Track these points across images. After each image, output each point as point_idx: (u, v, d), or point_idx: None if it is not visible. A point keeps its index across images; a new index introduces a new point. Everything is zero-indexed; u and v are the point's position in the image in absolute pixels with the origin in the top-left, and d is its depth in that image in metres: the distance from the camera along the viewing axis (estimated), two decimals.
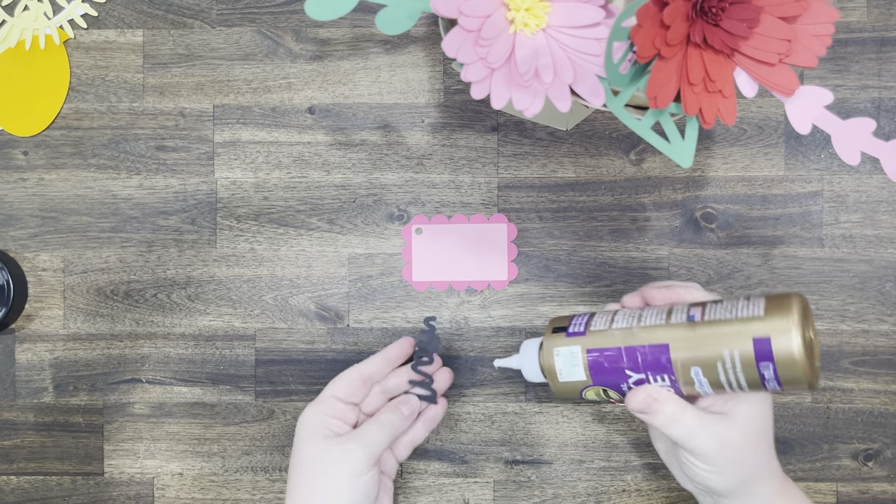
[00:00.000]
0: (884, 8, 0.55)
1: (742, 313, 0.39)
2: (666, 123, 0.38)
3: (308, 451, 0.47)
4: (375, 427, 0.47)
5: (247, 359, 0.56)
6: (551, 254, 0.56)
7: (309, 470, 0.46)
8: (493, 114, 0.55)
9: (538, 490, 0.56)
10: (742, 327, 0.39)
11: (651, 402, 0.42)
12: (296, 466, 0.47)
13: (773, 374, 0.38)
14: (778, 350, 0.38)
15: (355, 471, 0.45)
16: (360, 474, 0.45)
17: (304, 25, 0.56)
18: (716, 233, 0.55)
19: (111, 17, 0.56)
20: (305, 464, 0.47)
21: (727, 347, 0.39)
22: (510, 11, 0.36)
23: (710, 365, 0.40)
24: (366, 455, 0.46)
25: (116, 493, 0.57)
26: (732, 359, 0.39)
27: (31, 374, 0.57)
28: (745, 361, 0.39)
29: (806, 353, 0.38)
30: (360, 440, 0.46)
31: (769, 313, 0.39)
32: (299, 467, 0.47)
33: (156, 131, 0.56)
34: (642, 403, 0.42)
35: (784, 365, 0.38)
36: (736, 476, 0.42)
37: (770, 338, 0.38)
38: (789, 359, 0.38)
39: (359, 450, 0.46)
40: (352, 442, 0.46)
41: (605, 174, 0.55)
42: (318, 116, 0.56)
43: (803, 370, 0.38)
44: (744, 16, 0.36)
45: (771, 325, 0.38)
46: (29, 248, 0.57)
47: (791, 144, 0.55)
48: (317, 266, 0.56)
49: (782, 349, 0.38)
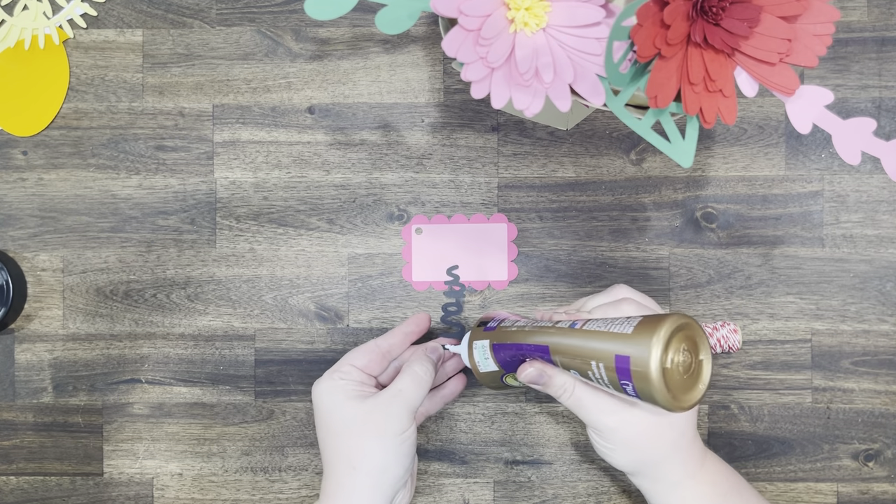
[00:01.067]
0: (884, 7, 0.55)
1: (615, 328, 0.40)
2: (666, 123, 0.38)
3: (343, 414, 0.46)
4: (411, 384, 0.46)
5: (246, 359, 0.56)
6: (551, 254, 0.56)
7: (350, 433, 0.45)
8: (493, 113, 0.55)
9: (538, 490, 0.55)
10: (610, 342, 0.40)
11: (541, 373, 0.44)
12: (332, 433, 0.46)
13: (634, 390, 0.39)
14: (635, 369, 0.38)
15: (401, 427, 0.45)
16: (404, 430, 0.45)
17: (304, 25, 0.56)
18: (716, 233, 0.55)
19: (110, 17, 0.56)
20: (344, 428, 0.46)
21: (594, 359, 0.40)
22: (510, 11, 0.36)
23: (583, 371, 0.41)
24: (408, 412, 0.46)
25: (116, 493, 0.56)
26: (599, 370, 0.40)
27: (30, 375, 0.57)
28: (609, 374, 0.40)
29: (665, 376, 0.37)
30: (399, 399, 0.46)
31: (636, 332, 0.39)
32: (336, 434, 0.46)
33: (155, 131, 0.56)
34: (534, 374, 0.44)
35: (641, 384, 0.38)
36: (634, 456, 0.44)
37: (629, 357, 0.38)
38: (645, 379, 0.38)
39: (401, 407, 0.45)
40: (392, 401, 0.45)
41: (606, 174, 0.55)
42: (317, 116, 0.56)
43: (661, 392, 0.37)
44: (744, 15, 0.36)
45: (633, 344, 0.38)
46: (28, 248, 0.57)
47: (791, 144, 0.55)
48: (316, 266, 0.56)
49: (639, 369, 0.38)
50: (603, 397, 0.43)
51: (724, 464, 0.47)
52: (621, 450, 0.44)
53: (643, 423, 0.43)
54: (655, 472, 0.45)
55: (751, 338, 0.55)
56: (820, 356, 0.55)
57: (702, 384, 0.40)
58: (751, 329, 0.55)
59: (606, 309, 0.45)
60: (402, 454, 0.45)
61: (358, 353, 0.49)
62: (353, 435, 0.45)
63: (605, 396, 0.43)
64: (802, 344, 0.55)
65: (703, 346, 0.40)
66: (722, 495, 0.45)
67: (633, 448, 0.44)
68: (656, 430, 0.43)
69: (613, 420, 0.43)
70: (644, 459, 0.44)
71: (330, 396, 0.47)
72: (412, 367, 0.47)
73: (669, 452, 0.44)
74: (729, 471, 0.47)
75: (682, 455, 0.44)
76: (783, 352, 0.55)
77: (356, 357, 0.49)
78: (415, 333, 0.51)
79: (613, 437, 0.43)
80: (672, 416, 0.43)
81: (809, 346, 0.55)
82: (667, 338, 0.38)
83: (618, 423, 0.43)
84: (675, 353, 0.38)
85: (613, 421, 0.43)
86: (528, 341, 0.45)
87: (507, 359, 0.47)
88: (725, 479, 0.46)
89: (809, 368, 0.55)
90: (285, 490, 0.56)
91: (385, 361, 0.50)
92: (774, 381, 0.55)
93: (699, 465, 0.45)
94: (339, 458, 0.46)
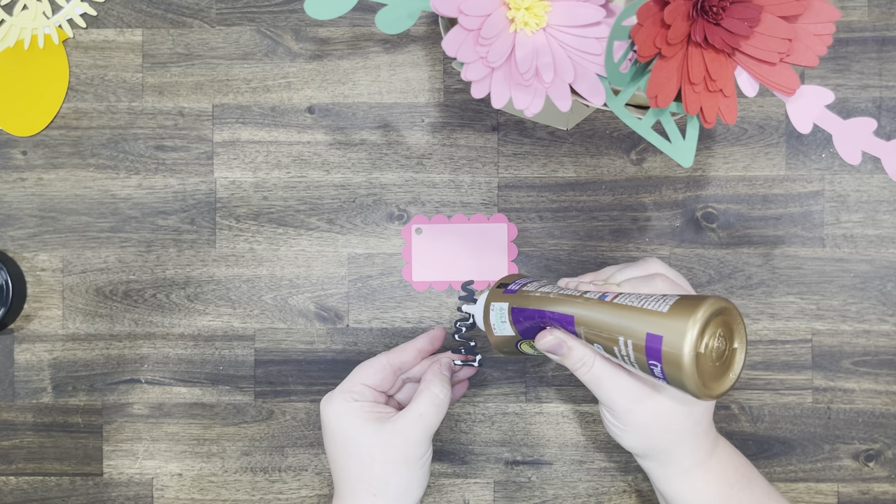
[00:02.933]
0: (884, 7, 0.54)
1: (649, 305, 0.38)
2: (667, 123, 0.38)
3: (362, 441, 0.44)
4: (431, 407, 0.45)
5: (246, 359, 0.56)
6: (551, 254, 0.56)
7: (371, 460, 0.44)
8: (493, 113, 0.55)
9: (538, 490, 0.55)
10: (642, 319, 0.37)
11: (561, 343, 0.42)
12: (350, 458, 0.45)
13: (661, 373, 0.37)
14: (667, 350, 0.36)
15: (421, 452, 0.44)
16: (423, 454, 0.45)
17: (304, 25, 0.56)
18: (717, 233, 0.55)
19: (110, 17, 0.56)
20: (363, 454, 0.44)
21: (623, 335, 0.38)
22: (510, 10, 0.36)
23: (608, 347, 0.39)
24: (428, 436, 0.45)
25: (115, 493, 0.56)
26: (626, 348, 0.38)
27: (29, 375, 0.56)
28: (637, 353, 0.37)
29: (698, 361, 0.35)
30: (421, 424, 0.44)
31: (672, 312, 0.36)
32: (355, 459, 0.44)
33: (155, 131, 0.56)
34: (552, 342, 0.42)
35: (671, 367, 0.36)
36: (645, 440, 0.42)
37: (662, 336, 0.36)
38: (676, 362, 0.35)
39: (422, 432, 0.44)
40: (413, 426, 0.44)
41: (606, 174, 0.55)
42: (317, 116, 0.56)
43: (691, 377, 0.35)
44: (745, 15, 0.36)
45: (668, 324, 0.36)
46: (28, 248, 0.56)
47: (792, 144, 0.55)
48: (316, 266, 0.56)
49: (671, 350, 0.35)
50: (623, 376, 0.41)
51: (735, 452, 0.46)
52: (633, 432, 0.42)
53: (660, 409, 0.41)
54: (665, 458, 0.43)
55: (751, 338, 0.55)
56: (820, 356, 0.55)
57: (732, 374, 0.38)
58: (751, 329, 0.55)
59: (637, 284, 0.42)
60: (422, 477, 0.45)
61: (369, 371, 0.47)
62: (374, 462, 0.44)
63: (625, 375, 0.41)
64: (803, 344, 0.55)
65: (738, 333, 0.38)
66: (731, 485, 0.44)
67: (645, 432, 0.42)
68: (672, 416, 0.42)
69: (630, 402, 0.41)
70: (655, 444, 0.43)
71: (346, 420, 0.45)
72: (431, 389, 0.45)
73: (682, 439, 0.43)
74: (740, 460, 0.46)
75: (695, 442, 0.43)
76: (784, 352, 0.55)
77: (368, 375, 0.47)
78: (427, 351, 0.50)
79: (627, 419, 0.42)
80: (693, 405, 0.42)
81: (810, 347, 0.55)
82: (705, 321, 0.35)
83: (634, 405, 0.41)
84: (710, 338, 0.36)
85: (630, 403, 0.41)
86: (551, 309, 0.42)
87: (526, 325, 0.44)
88: (735, 469, 0.45)
89: (810, 368, 0.55)
90: (285, 490, 0.56)
91: (396, 377, 0.49)
92: (775, 381, 0.55)
93: (710, 452, 0.44)
94: (358, 484, 0.45)
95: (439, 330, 0.50)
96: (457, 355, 0.49)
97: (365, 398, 0.46)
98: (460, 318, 0.49)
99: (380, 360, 0.48)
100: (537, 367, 0.55)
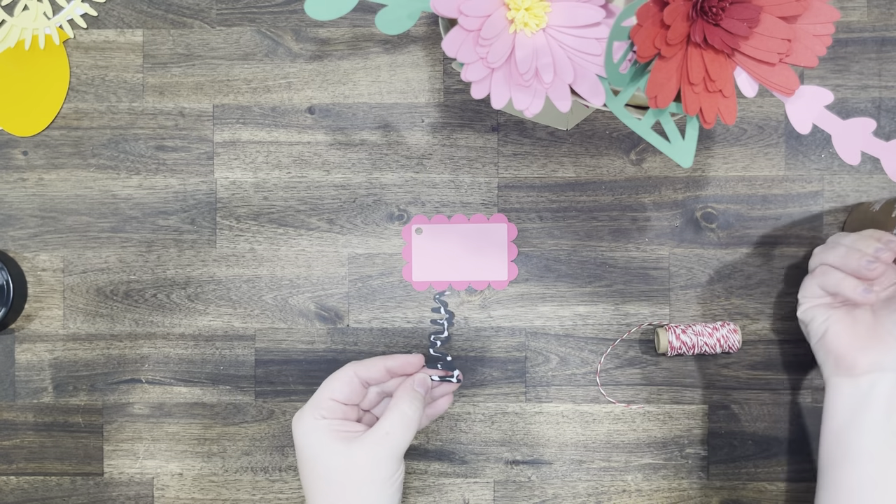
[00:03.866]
0: (884, 8, 0.55)
1: None
2: (666, 123, 0.38)
3: (328, 460, 0.44)
4: (399, 425, 0.44)
5: (246, 359, 0.56)
6: (551, 254, 0.56)
7: (336, 481, 0.43)
8: (493, 114, 0.55)
9: (538, 490, 0.55)
10: None
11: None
12: (318, 478, 0.44)
13: None
14: None
15: (389, 472, 0.43)
16: (392, 475, 0.44)
17: (304, 25, 0.56)
18: (716, 233, 0.55)
19: (111, 17, 0.56)
20: (329, 474, 0.44)
21: None
22: (510, 11, 0.36)
23: None
24: (395, 456, 0.44)
25: (116, 493, 0.56)
26: None
27: (30, 375, 0.57)
28: None
29: None
30: (387, 442, 0.43)
31: None
32: (322, 479, 0.44)
33: (155, 131, 0.56)
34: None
35: None
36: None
37: None
38: None
39: (388, 451, 0.43)
40: (378, 445, 0.43)
41: (606, 174, 0.55)
42: (317, 116, 0.56)
43: None
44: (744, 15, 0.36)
45: None
46: (28, 248, 0.57)
47: (791, 144, 0.55)
48: (317, 266, 0.56)
49: None
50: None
51: None
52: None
53: None
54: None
55: (751, 338, 0.55)
56: None
57: None
58: (751, 329, 0.55)
59: None
60: (391, 496, 0.44)
61: (336, 385, 0.46)
62: (339, 483, 0.43)
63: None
64: (802, 344, 0.55)
65: None
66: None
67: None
68: None
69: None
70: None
71: (313, 438, 0.44)
72: (400, 406, 0.44)
73: None
74: None
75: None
76: (783, 352, 0.55)
77: (336, 389, 0.46)
78: (397, 373, 0.48)
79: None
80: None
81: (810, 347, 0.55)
82: None
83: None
84: None
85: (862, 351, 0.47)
86: None
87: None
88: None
89: (810, 369, 0.55)
90: (285, 490, 0.56)
91: (364, 390, 0.48)
92: (774, 381, 0.55)
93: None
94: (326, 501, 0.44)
95: (417, 357, 0.48)
96: (434, 370, 0.48)
97: (334, 415, 0.45)
98: (434, 331, 0.48)
99: (347, 372, 0.46)
100: (537, 367, 0.56)
